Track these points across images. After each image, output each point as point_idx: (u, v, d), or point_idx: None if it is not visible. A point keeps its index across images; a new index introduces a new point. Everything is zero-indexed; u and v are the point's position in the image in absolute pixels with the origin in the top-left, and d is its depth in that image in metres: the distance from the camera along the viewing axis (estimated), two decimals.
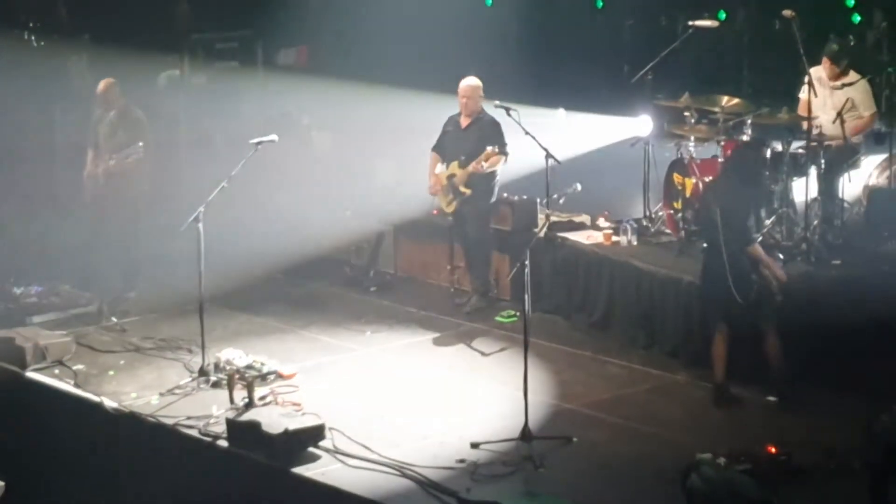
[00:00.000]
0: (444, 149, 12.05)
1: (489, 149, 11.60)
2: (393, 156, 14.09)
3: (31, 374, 10.64)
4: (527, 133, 11.16)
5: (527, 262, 9.10)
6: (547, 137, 11.25)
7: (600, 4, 15.33)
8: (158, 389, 10.26)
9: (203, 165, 14.53)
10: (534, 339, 9.69)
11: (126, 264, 12.54)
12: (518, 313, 11.55)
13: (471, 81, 11.97)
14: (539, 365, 10.38)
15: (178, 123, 14.93)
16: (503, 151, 11.75)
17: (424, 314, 12.19)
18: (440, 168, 12.02)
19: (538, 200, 12.26)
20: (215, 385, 10.24)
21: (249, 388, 9.71)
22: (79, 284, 12.41)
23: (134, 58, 14.09)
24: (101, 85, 12.30)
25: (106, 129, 12.13)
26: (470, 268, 12.28)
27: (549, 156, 11.24)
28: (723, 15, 14.00)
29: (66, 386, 10.40)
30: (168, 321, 11.84)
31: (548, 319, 11.69)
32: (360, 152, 14.19)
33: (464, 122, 11.96)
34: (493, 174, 11.90)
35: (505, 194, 12.63)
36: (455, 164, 11.84)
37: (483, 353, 11.08)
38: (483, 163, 11.63)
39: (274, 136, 10.96)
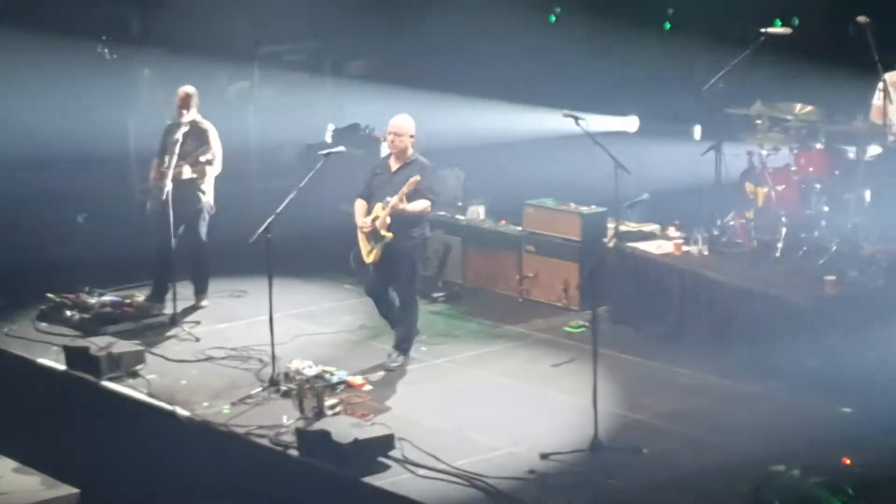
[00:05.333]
0: (371, 194, 10.91)
1: (412, 178, 10.57)
2: (460, 165, 14.13)
3: (105, 384, 10.77)
4: (596, 142, 11.14)
5: (596, 273, 9.09)
6: (617, 149, 11.24)
7: (668, 26, 15.31)
8: (230, 399, 10.35)
9: (272, 177, 14.69)
10: (603, 349, 9.68)
11: (197, 274, 12.66)
12: (587, 323, 11.53)
13: (401, 118, 10.97)
14: (608, 375, 10.36)
15: (248, 135, 15.07)
16: (430, 197, 10.74)
17: (492, 324, 12.20)
18: (362, 215, 10.87)
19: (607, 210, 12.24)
20: (286, 395, 10.31)
21: (319, 397, 9.78)
22: (152, 295, 12.54)
23: (204, 70, 14.25)
24: (181, 92, 12.37)
25: (176, 137, 12.21)
26: (399, 322, 11.08)
27: (618, 165, 11.22)
28: (796, 22, 13.91)
29: (140, 395, 10.53)
30: (239, 332, 11.93)
31: (617, 330, 11.66)
32: (429, 161, 14.24)
33: (394, 165, 10.89)
34: (419, 219, 10.79)
35: (572, 204, 12.64)
36: (379, 206, 10.73)
37: (552, 364, 11.08)
38: (405, 196, 10.54)
39: (342, 147, 11.06)
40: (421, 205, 10.70)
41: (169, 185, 11.97)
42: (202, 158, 12.21)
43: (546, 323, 12.11)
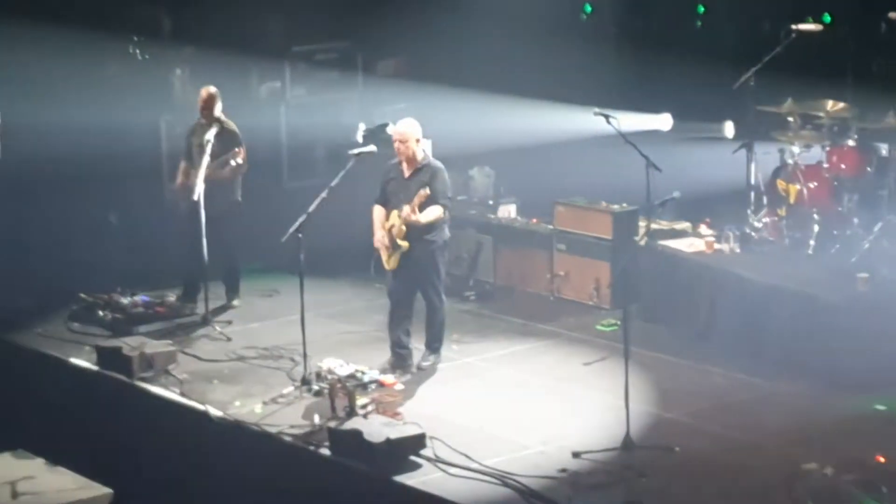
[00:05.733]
0: (387, 200, 10.86)
1: (422, 191, 10.52)
2: (490, 164, 14.14)
3: (137, 383, 10.84)
4: (627, 141, 11.11)
5: (627, 271, 9.07)
6: (649, 147, 11.22)
7: (701, 9, 15.24)
8: (262, 398, 10.39)
9: (304, 176, 14.72)
10: (635, 347, 9.67)
11: (228, 274, 12.70)
12: (618, 322, 11.53)
13: (405, 123, 10.88)
14: (640, 374, 10.36)
15: (280, 135, 15.11)
16: (442, 202, 10.65)
17: (524, 323, 12.21)
18: (380, 221, 10.85)
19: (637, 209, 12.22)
20: (317, 394, 10.35)
21: (351, 397, 9.82)
22: (183, 295, 12.60)
23: (235, 70, 14.29)
24: (203, 93, 12.40)
25: (201, 138, 12.25)
26: (428, 324, 11.05)
27: (649, 164, 11.19)
28: (827, 18, 13.85)
29: (172, 395, 10.59)
30: (271, 331, 11.98)
31: (649, 328, 11.64)
32: (459, 160, 14.25)
33: (406, 170, 10.79)
34: (435, 227, 10.71)
35: (603, 203, 12.63)
36: (395, 213, 10.72)
37: (584, 363, 11.07)
38: (416, 208, 10.49)
39: (373, 147, 11.10)
40: (434, 213, 10.62)
41: (201, 186, 12.01)
42: (232, 161, 12.24)
43: (577, 321, 12.11)
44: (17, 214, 13.56)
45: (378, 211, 10.88)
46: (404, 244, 10.64)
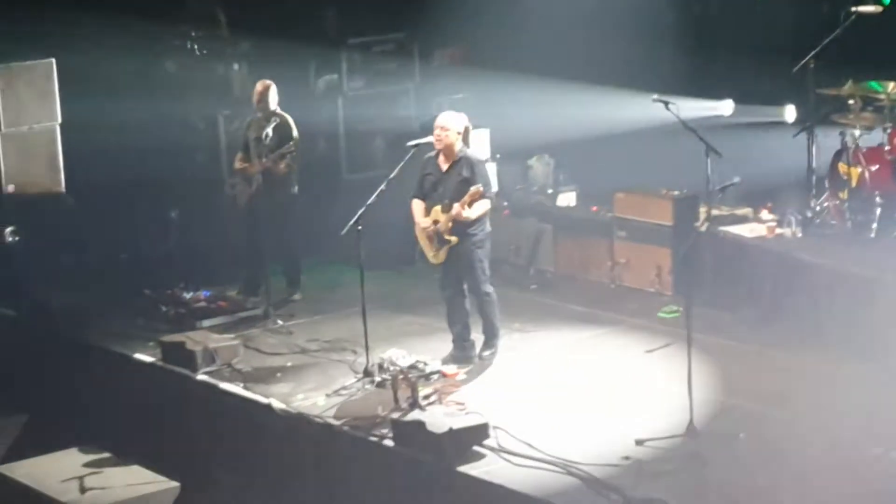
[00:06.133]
0: (426, 194, 10.83)
1: (473, 188, 10.47)
2: (549, 152, 14.13)
3: (201, 377, 10.93)
4: (686, 127, 11.06)
5: (688, 257, 9.04)
6: (709, 133, 11.15)
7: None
8: (325, 390, 10.45)
9: (362, 168, 14.77)
10: (697, 333, 9.63)
11: (288, 267, 12.78)
12: (680, 308, 11.49)
13: (449, 113, 10.86)
14: (703, 360, 10.30)
15: (337, 127, 15.16)
16: (488, 195, 10.67)
17: (585, 311, 12.20)
18: (421, 215, 10.84)
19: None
20: (380, 385, 10.40)
21: (413, 388, 9.85)
22: (244, 289, 12.68)
23: (292, 64, 14.36)
24: (259, 86, 12.46)
25: (257, 132, 12.33)
26: (481, 318, 11.04)
27: (709, 149, 11.13)
28: (887, 0, 13.72)
29: (236, 388, 10.67)
30: (332, 323, 12.04)
31: (711, 314, 11.58)
32: (518, 149, 14.25)
33: (443, 164, 10.74)
34: (479, 223, 10.69)
35: (664, 189, 12.58)
36: (438, 208, 10.66)
37: (646, 350, 11.06)
38: (467, 206, 10.49)
39: (431, 138, 11.09)
40: (482, 208, 10.60)
41: (259, 179, 12.09)
42: (288, 154, 12.31)
43: (639, 308, 12.09)
44: (80, 213, 13.70)
45: (417, 205, 10.84)
46: (453, 239, 10.61)
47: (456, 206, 10.52)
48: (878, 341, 10.18)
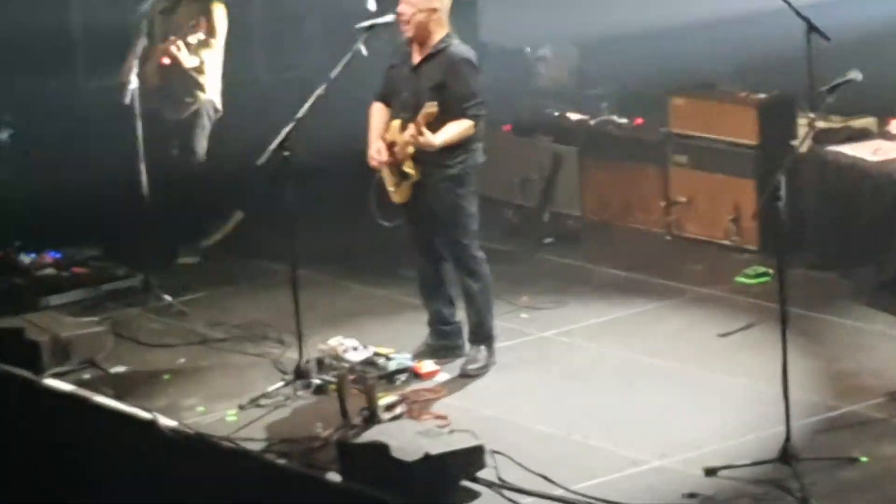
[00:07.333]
0: (390, 97, 10.85)
1: (426, 107, 10.34)
2: (573, 39, 14.20)
3: (49, 382, 10.95)
4: None
5: (781, 192, 9.06)
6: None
7: None
8: (237, 400, 10.51)
9: (287, 65, 14.85)
10: (795, 308, 9.69)
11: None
12: (770, 270, 11.57)
13: None
14: (805, 348, 10.41)
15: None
16: (471, 113, 10.53)
17: (626, 276, 12.30)
18: (380, 128, 10.84)
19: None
20: (319, 391, 10.48)
21: (370, 394, 9.89)
22: (114, 249, 12.73)
23: None
24: None
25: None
26: (466, 302, 10.98)
27: (811, 28, 11.19)
28: None
29: (102, 398, 10.69)
30: (247, 298, 12.13)
31: (816, 278, 11.70)
32: (526, 36, 14.33)
33: (416, 55, 10.70)
34: (458, 148, 10.63)
35: (744, 92, 12.61)
36: (396, 124, 10.70)
37: (718, 334, 11.15)
38: (423, 129, 10.32)
39: (391, 17, 10.87)
40: (456, 130, 10.46)
41: (135, 81, 12.15)
42: (192, 39, 12.37)
43: (708, 272, 12.24)
44: None
45: (377, 111, 10.87)
46: (412, 172, 10.61)
47: (411, 132, 10.44)
48: None
